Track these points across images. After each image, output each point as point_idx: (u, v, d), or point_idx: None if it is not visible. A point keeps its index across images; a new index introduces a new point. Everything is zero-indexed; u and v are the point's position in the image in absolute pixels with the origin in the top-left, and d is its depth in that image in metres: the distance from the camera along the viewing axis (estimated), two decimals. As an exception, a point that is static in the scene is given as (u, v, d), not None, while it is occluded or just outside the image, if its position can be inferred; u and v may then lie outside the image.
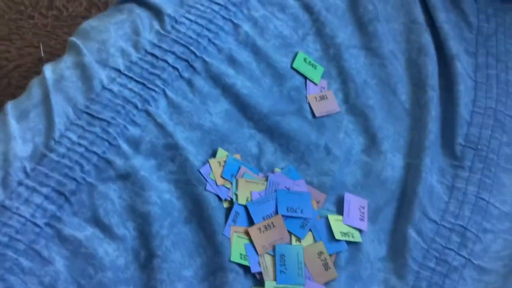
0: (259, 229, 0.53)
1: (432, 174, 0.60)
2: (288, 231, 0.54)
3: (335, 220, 0.56)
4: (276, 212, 0.54)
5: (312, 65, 0.65)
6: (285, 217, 0.54)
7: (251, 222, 0.54)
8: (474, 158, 0.61)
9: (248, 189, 0.55)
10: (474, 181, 0.60)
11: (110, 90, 0.55)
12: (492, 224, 0.58)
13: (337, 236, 0.54)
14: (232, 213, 0.53)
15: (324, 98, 0.64)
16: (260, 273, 0.51)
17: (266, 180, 0.56)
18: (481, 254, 0.56)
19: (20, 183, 0.49)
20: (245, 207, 0.54)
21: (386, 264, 0.55)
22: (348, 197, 0.58)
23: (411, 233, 0.56)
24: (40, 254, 0.47)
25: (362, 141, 0.62)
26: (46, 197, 0.49)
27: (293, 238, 0.54)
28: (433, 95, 0.64)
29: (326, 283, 0.52)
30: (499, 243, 0.57)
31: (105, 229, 0.50)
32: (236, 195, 0.54)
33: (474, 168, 0.61)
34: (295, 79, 0.64)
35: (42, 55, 1.08)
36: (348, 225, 0.56)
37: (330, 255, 0.54)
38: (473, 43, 0.71)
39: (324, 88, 0.65)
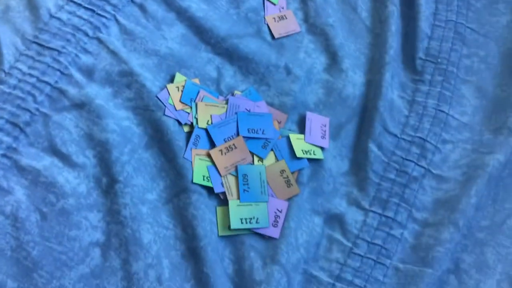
0: (221, 151, 0.53)
1: (393, 89, 0.60)
2: (250, 152, 0.54)
3: (296, 139, 0.56)
4: (238, 134, 0.54)
5: (270, -15, 0.63)
6: (247, 138, 0.54)
7: (212, 145, 0.54)
8: (434, 72, 0.62)
9: (208, 113, 0.55)
10: (434, 94, 0.60)
11: (59, 19, 0.54)
12: (451, 135, 0.59)
13: (298, 154, 0.55)
14: (193, 136, 0.53)
15: (283, 18, 0.63)
16: (224, 193, 0.52)
17: (227, 103, 0.56)
18: (440, 164, 0.57)
19: None
20: (206, 130, 0.54)
21: (348, 178, 0.56)
22: (310, 115, 0.58)
23: (372, 147, 0.56)
24: (-1, 185, 0.47)
25: (323, 60, 0.62)
26: (1, 129, 0.49)
27: (255, 159, 0.54)
28: (394, 9, 0.64)
29: (289, 199, 0.53)
30: (458, 152, 0.58)
31: (64, 158, 0.50)
32: (196, 119, 0.54)
33: (434, 82, 0.61)
34: None
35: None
36: (310, 143, 0.56)
37: (292, 173, 0.54)
38: (434, -46, 0.70)
39: (283, 8, 0.64)
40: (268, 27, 0.62)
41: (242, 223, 0.51)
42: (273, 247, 0.51)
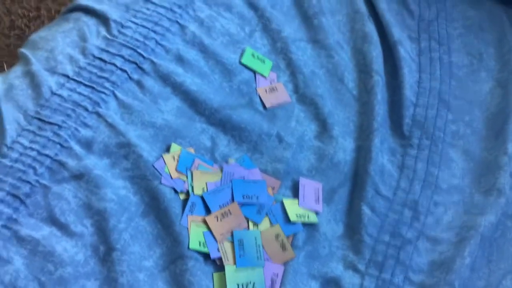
0: (216, 217, 0.54)
1: (383, 154, 0.62)
2: (245, 217, 0.55)
3: (290, 204, 0.57)
4: (232, 200, 0.56)
5: (261, 60, 0.67)
6: (241, 204, 0.56)
7: (208, 212, 0.55)
8: (422, 136, 0.64)
9: (203, 180, 0.56)
10: (423, 157, 0.62)
11: (60, 95, 0.56)
12: (443, 197, 0.60)
13: (293, 218, 0.56)
14: (189, 203, 0.54)
15: (274, 90, 0.66)
16: (220, 259, 0.52)
17: (221, 171, 0.58)
18: (433, 226, 0.58)
19: None
20: (202, 197, 0.55)
21: (344, 241, 0.57)
22: (303, 181, 0.59)
23: (365, 210, 0.57)
24: (-2, 255, 0.48)
25: (314, 128, 0.64)
26: (1, 201, 0.50)
27: (251, 224, 0.55)
28: (379, 79, 0.67)
29: (285, 263, 0.53)
30: (450, 214, 0.59)
31: (62, 228, 0.51)
32: (192, 186, 0.55)
33: (422, 145, 0.63)
34: (245, 73, 0.66)
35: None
36: (304, 208, 0.57)
37: (287, 237, 0.55)
38: (415, 29, 0.74)
39: (273, 80, 0.67)
40: (260, 98, 0.64)
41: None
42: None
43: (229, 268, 0.52)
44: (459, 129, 0.66)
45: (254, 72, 0.66)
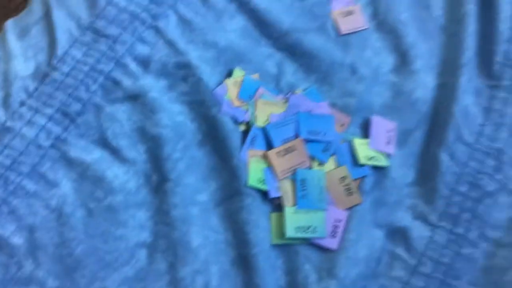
0: (279, 152, 0.50)
1: (468, 94, 0.55)
2: (310, 155, 0.50)
3: (360, 144, 0.52)
4: (297, 136, 0.51)
5: (337, -22, 0.60)
6: (307, 140, 0.51)
7: (269, 146, 0.51)
8: (513, 78, 0.57)
9: (267, 111, 0.52)
10: (513, 101, 0.55)
11: (116, 5, 0.52)
12: (532, 148, 0.54)
13: (362, 160, 0.51)
14: (250, 135, 0.50)
15: (350, 14, 0.59)
16: (279, 199, 0.49)
17: (286, 102, 0.53)
18: (518, 178, 0.52)
19: (22, 104, 0.47)
20: (264, 129, 0.51)
21: (414, 189, 0.52)
22: (375, 119, 0.54)
23: (444, 156, 0.52)
24: (46, 176, 0.46)
25: (391, 60, 0.58)
26: (50, 118, 0.47)
27: (315, 163, 0.51)
28: (471, 8, 0.59)
29: (349, 209, 0.49)
30: (538, 166, 0.53)
31: (114, 152, 0.48)
32: (254, 117, 0.51)
33: (513, 88, 0.56)
34: (319, -8, 0.59)
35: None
36: (375, 149, 0.52)
37: (353, 180, 0.51)
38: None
39: (351, 2, 0.60)
40: (334, 22, 0.58)
41: (298, 232, 0.48)
42: (330, 260, 0.47)
43: (288, 209, 0.48)
44: (556, 73, 0.58)
45: (330, -9, 0.59)
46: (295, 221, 0.48)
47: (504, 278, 0.47)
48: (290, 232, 0.47)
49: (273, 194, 0.49)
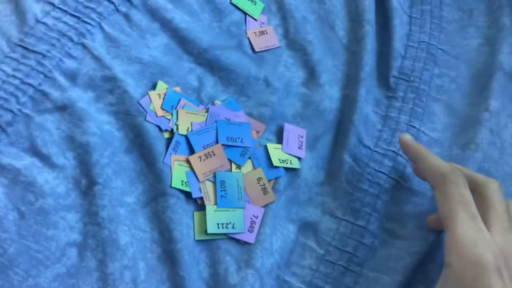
0: (200, 157, 0.54)
1: (368, 104, 0.62)
2: (228, 159, 0.55)
3: (274, 149, 0.58)
4: (217, 142, 0.56)
5: (252, 1, 0.66)
6: (225, 146, 0.56)
7: (191, 152, 0.55)
8: (407, 89, 0.64)
9: (188, 120, 0.56)
10: (406, 110, 0.63)
11: (45, 24, 0.55)
12: (422, 149, 0.61)
13: (275, 163, 0.56)
14: (173, 142, 0.54)
15: (263, 33, 0.65)
16: (201, 198, 0.53)
17: (207, 111, 0.57)
18: (410, 177, 0.59)
19: None
20: (186, 137, 0.55)
21: (323, 188, 0.58)
22: (287, 127, 0.59)
23: (347, 158, 0.58)
24: (-22, 182, 0.47)
25: (301, 74, 0.64)
26: (-18, 128, 0.49)
27: (233, 166, 0.55)
28: (370, 29, 0.66)
29: (265, 206, 0.54)
30: (428, 167, 0.60)
31: (44, 159, 0.50)
32: (177, 125, 0.55)
33: (407, 98, 0.63)
34: (235, 14, 0.64)
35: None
36: (287, 153, 0.58)
37: (269, 181, 0.56)
38: (409, -20, 0.73)
39: (264, 23, 0.66)
40: (249, 40, 0.63)
41: (218, 228, 0.52)
42: (248, 252, 0.52)
43: (210, 208, 0.53)
44: (444, 84, 0.66)
45: (245, 14, 0.65)
46: (216, 218, 0.52)
47: (400, 263, 0.52)
48: (211, 228, 0.52)
49: (195, 195, 0.53)
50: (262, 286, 0.50)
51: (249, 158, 0.57)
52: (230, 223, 0.52)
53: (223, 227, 0.52)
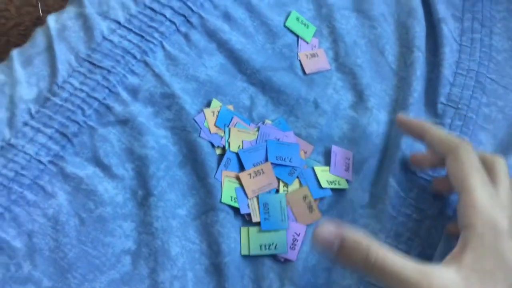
0: (249, 174, 0.56)
1: (415, 130, 0.63)
2: (277, 177, 0.57)
3: (321, 171, 0.59)
4: (266, 160, 0.58)
5: (304, 24, 0.68)
6: (274, 165, 0.58)
7: (242, 169, 0.57)
8: (454, 116, 0.65)
9: (240, 138, 0.58)
10: (454, 137, 0.63)
11: (111, 41, 0.58)
12: (469, 178, 0.61)
13: (324, 184, 0.58)
14: (224, 159, 0.57)
15: (314, 56, 0.67)
16: (249, 214, 0.55)
17: (257, 130, 0.59)
18: (453, 204, 0.59)
19: (25, 124, 0.53)
20: (237, 154, 0.57)
21: (368, 210, 0.59)
22: (335, 149, 0.61)
23: (392, 182, 0.59)
24: (44, 188, 0.51)
25: (350, 98, 0.65)
26: (50, 138, 0.53)
27: (281, 184, 0.57)
28: (419, 55, 0.67)
29: (309, 224, 0.56)
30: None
31: (105, 169, 0.53)
32: (229, 143, 0.58)
33: (454, 125, 0.64)
34: (288, 37, 0.67)
35: (41, 14, 1.10)
36: (335, 175, 0.59)
37: (314, 200, 0.57)
38: (460, 8, 0.74)
39: (315, 46, 0.68)
40: (300, 63, 0.66)
41: (261, 249, 0.54)
42: (291, 269, 0.54)
43: (252, 229, 0.55)
44: (491, 113, 0.66)
45: (297, 36, 0.67)
46: (259, 239, 0.54)
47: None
48: (254, 250, 0.54)
49: (243, 211, 0.55)
50: (304, 304, 0.52)
51: (297, 177, 0.58)
52: (272, 243, 0.54)
53: (265, 248, 0.54)
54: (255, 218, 0.55)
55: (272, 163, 0.58)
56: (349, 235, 0.43)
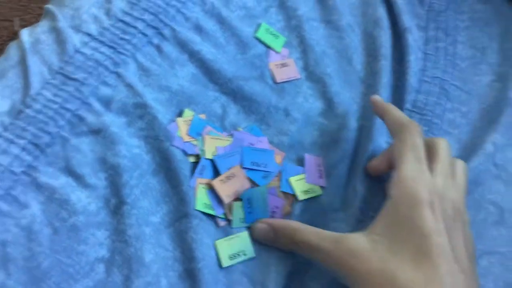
0: (221, 180, 0.58)
1: (382, 135, 0.65)
2: (250, 180, 0.59)
3: (295, 181, 0.61)
4: (242, 166, 0.59)
5: (274, 35, 0.70)
6: (249, 169, 0.59)
7: (216, 175, 0.58)
8: (420, 122, 0.67)
9: (214, 145, 0.59)
10: (419, 142, 0.65)
11: (83, 53, 0.59)
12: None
13: (301, 196, 0.60)
14: (199, 166, 0.58)
15: (285, 66, 0.68)
16: (222, 221, 0.56)
17: (231, 136, 0.61)
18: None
19: None
20: (212, 161, 0.59)
21: (339, 214, 0.60)
22: (308, 157, 0.62)
23: (359, 187, 0.61)
24: (17, 199, 0.51)
25: (319, 105, 0.67)
26: (23, 149, 0.53)
27: (255, 187, 0.59)
28: (385, 64, 0.69)
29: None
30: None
31: (78, 178, 0.54)
32: (203, 150, 0.59)
33: (420, 131, 0.66)
34: (258, 47, 0.68)
35: (17, 29, 1.11)
36: (310, 183, 0.61)
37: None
38: (424, 18, 0.77)
39: (285, 56, 0.70)
40: (271, 72, 0.67)
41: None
42: (263, 274, 0.55)
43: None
44: (455, 119, 0.69)
45: (267, 47, 0.69)
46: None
47: None
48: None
49: (219, 212, 0.56)
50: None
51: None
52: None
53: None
54: (230, 216, 0.56)
55: (246, 168, 0.59)
56: (278, 224, 0.54)
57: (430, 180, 0.47)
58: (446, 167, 0.50)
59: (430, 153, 0.52)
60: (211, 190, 0.57)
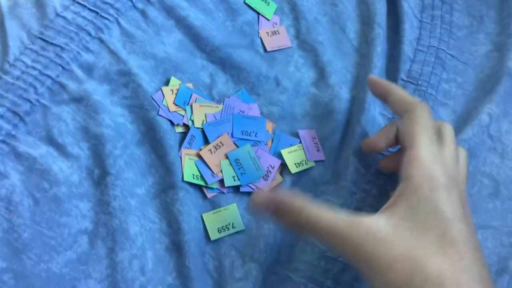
0: (210, 150, 0.56)
1: (375, 106, 0.63)
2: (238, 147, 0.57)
3: (288, 153, 0.59)
4: (232, 135, 0.57)
5: (265, 1, 0.67)
6: (239, 139, 0.57)
7: (207, 144, 0.56)
8: (414, 93, 0.65)
9: (202, 112, 0.57)
10: (413, 113, 0.64)
11: (64, 17, 0.57)
12: (428, 153, 0.62)
13: (293, 169, 0.58)
14: (188, 136, 0.56)
15: (275, 33, 0.66)
16: (211, 192, 0.55)
17: (221, 103, 0.59)
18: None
19: None
20: (202, 130, 0.57)
21: (329, 186, 0.59)
22: (302, 133, 0.60)
23: (352, 158, 0.59)
24: (-4, 168, 0.49)
25: (311, 75, 0.65)
26: (1, 116, 0.51)
27: (242, 151, 0.57)
28: (380, 32, 0.67)
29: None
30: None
31: (59, 148, 0.52)
32: (192, 120, 0.57)
33: (414, 101, 0.64)
34: (248, 14, 0.66)
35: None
36: (312, 161, 0.59)
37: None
38: (421, -15, 0.74)
39: (276, 24, 0.67)
40: (261, 40, 0.65)
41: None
42: (252, 246, 0.54)
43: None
44: (451, 89, 0.67)
45: (258, 14, 0.66)
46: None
47: None
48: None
49: (210, 181, 0.55)
50: (265, 280, 0.52)
51: (259, 150, 0.58)
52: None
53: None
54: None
55: (237, 138, 0.57)
56: (281, 199, 0.46)
57: (445, 163, 0.46)
58: (453, 153, 0.49)
59: (438, 135, 0.50)
60: (201, 159, 0.55)
